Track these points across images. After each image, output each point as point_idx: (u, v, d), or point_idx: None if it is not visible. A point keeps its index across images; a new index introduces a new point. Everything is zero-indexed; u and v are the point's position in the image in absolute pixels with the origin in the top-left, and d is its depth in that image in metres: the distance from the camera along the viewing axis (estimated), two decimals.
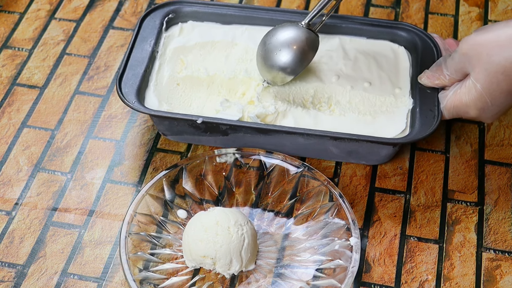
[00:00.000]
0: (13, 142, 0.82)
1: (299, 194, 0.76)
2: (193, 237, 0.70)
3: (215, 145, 0.82)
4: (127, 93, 0.78)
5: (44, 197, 0.78)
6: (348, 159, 0.81)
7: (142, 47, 0.83)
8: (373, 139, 0.75)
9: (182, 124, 0.79)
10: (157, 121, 0.80)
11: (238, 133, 0.78)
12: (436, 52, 0.82)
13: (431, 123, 0.76)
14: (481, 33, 0.70)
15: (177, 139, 0.82)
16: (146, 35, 0.84)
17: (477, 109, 0.72)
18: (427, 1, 0.99)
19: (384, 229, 0.76)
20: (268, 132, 0.77)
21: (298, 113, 0.79)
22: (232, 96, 0.81)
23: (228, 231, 0.69)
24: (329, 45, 0.85)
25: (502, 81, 0.68)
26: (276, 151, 0.78)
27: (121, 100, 0.77)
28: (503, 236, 0.76)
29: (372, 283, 0.72)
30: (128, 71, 0.80)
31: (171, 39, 0.86)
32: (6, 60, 0.91)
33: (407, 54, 0.85)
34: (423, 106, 0.77)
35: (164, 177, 0.75)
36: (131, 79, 0.80)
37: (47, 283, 0.71)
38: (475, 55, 0.70)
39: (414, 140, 0.75)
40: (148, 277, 0.70)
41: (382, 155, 0.79)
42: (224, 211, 0.71)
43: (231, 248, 0.69)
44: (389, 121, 0.79)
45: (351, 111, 0.80)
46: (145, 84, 0.81)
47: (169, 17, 0.87)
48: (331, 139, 0.77)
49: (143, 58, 0.82)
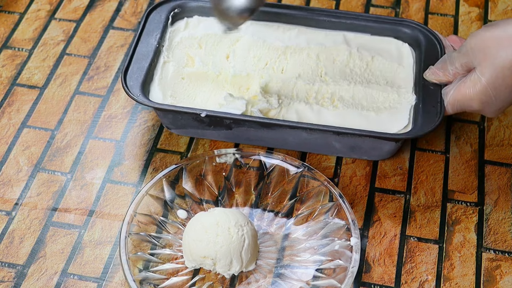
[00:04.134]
0: (13, 142, 0.82)
1: (299, 194, 0.76)
2: (193, 238, 0.70)
3: (219, 139, 0.82)
4: (132, 86, 0.79)
5: (44, 197, 0.78)
6: (351, 155, 0.81)
7: (148, 41, 0.83)
8: (375, 134, 0.75)
9: (186, 118, 0.79)
10: (161, 115, 0.81)
11: (242, 127, 0.79)
12: (439, 49, 0.82)
13: (433, 119, 0.76)
14: (490, 28, 0.70)
15: (181, 133, 0.83)
16: (151, 29, 0.85)
17: (481, 102, 0.72)
18: (427, 1, 0.99)
19: (384, 229, 0.76)
20: (271, 126, 0.77)
21: (301, 108, 0.80)
22: (236, 90, 0.82)
23: (228, 232, 0.69)
24: (333, 41, 0.86)
25: (508, 76, 0.69)
26: (279, 146, 0.78)
27: (126, 93, 0.78)
28: (503, 236, 0.76)
29: (372, 283, 0.72)
30: (133, 64, 0.81)
31: (176, 34, 0.87)
32: (6, 60, 0.91)
33: (411, 51, 0.85)
34: (426, 102, 0.77)
35: (164, 177, 0.75)
36: (136, 73, 0.80)
37: (47, 283, 0.71)
38: (483, 49, 0.70)
39: (416, 136, 0.75)
40: (148, 277, 0.70)
41: (384, 150, 0.79)
42: (225, 212, 0.71)
43: (232, 249, 0.69)
44: (392, 117, 0.79)
45: (354, 107, 0.80)
46: (150, 78, 0.81)
47: (175, 11, 0.87)
48: (334, 134, 0.77)
49: (148, 52, 0.82)
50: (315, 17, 0.87)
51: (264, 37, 0.86)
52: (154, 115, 0.85)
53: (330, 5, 0.98)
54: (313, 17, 0.87)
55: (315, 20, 0.87)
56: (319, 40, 0.86)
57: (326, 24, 0.86)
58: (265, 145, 0.81)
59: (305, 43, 0.86)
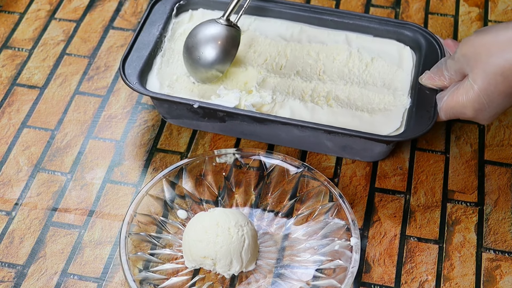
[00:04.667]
0: (13, 142, 0.82)
1: (299, 194, 0.76)
2: (193, 238, 0.70)
3: (213, 131, 0.82)
4: (129, 74, 0.79)
5: (44, 197, 0.78)
6: (343, 154, 0.81)
7: (150, 31, 0.84)
8: (364, 135, 0.75)
9: (181, 108, 0.80)
10: (157, 104, 0.81)
11: (235, 121, 0.79)
12: (440, 53, 0.82)
13: (425, 124, 0.76)
14: (481, 34, 0.70)
15: (177, 123, 0.83)
16: (155, 20, 0.85)
17: (474, 110, 0.72)
18: (427, 1, 0.99)
19: (384, 229, 0.76)
20: (263, 121, 0.78)
21: (295, 105, 0.80)
22: (234, 84, 0.82)
23: (228, 232, 0.69)
24: (335, 40, 0.86)
25: (500, 83, 0.68)
26: (273, 141, 0.78)
27: (123, 80, 0.78)
28: (503, 236, 0.76)
29: (372, 283, 0.72)
30: (133, 53, 0.81)
31: (180, 25, 0.87)
32: (6, 60, 0.91)
33: (411, 54, 0.85)
34: (420, 106, 0.77)
35: (164, 177, 0.75)
36: (135, 61, 0.80)
37: (47, 283, 0.71)
38: (474, 56, 0.70)
39: (406, 139, 0.75)
40: (148, 277, 0.70)
41: (376, 152, 0.79)
42: (225, 212, 0.71)
43: (232, 249, 0.69)
44: (385, 119, 0.79)
45: (349, 107, 0.80)
46: (148, 67, 0.82)
47: (180, 3, 0.87)
48: (325, 133, 0.77)
49: (149, 42, 0.83)
50: (319, 16, 0.87)
51: (266, 33, 0.86)
52: (154, 115, 0.85)
53: (330, 5, 0.98)
54: (317, 16, 0.87)
55: (318, 18, 0.87)
56: (321, 38, 0.86)
57: (329, 23, 0.86)
58: (259, 140, 0.82)
59: (306, 41, 0.86)
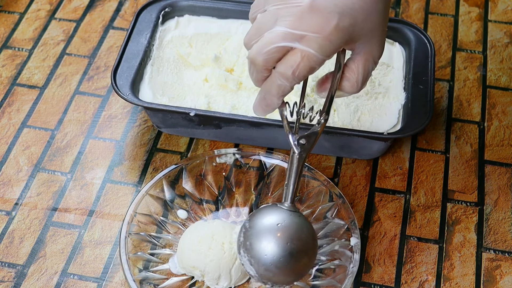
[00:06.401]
0: (13, 142, 0.82)
1: (299, 194, 0.76)
2: (187, 246, 0.70)
3: (209, 138, 0.82)
4: (121, 86, 0.78)
5: (44, 197, 0.78)
6: (341, 154, 0.81)
7: (138, 40, 0.83)
8: (362, 133, 0.75)
9: (176, 117, 0.79)
10: (151, 114, 0.81)
11: (231, 126, 0.79)
12: (429, 48, 0.82)
13: (423, 119, 0.76)
14: None
15: (171, 132, 0.83)
16: (142, 29, 0.84)
17: None
18: (427, 1, 0.99)
19: (384, 229, 0.76)
20: (260, 125, 0.77)
21: None
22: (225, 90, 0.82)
23: (221, 247, 0.69)
24: None
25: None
26: (270, 145, 0.78)
27: (115, 92, 0.77)
28: (503, 236, 0.76)
29: (372, 283, 0.72)
30: (123, 63, 0.81)
31: (167, 33, 0.86)
32: (6, 60, 0.91)
33: (401, 50, 0.85)
34: (415, 102, 0.77)
35: (164, 177, 0.75)
36: (126, 72, 0.80)
37: (47, 283, 0.71)
38: None
39: (404, 135, 0.75)
40: (148, 277, 0.70)
41: (374, 149, 0.79)
42: (223, 226, 0.71)
43: (221, 264, 0.68)
44: (381, 116, 0.79)
45: (344, 106, 0.80)
46: (140, 77, 0.81)
47: (166, 10, 0.87)
48: (323, 133, 0.77)
49: (139, 51, 0.82)
50: None
51: None
52: None
53: None
54: None
55: None
56: None
57: None
58: (256, 144, 0.81)
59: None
